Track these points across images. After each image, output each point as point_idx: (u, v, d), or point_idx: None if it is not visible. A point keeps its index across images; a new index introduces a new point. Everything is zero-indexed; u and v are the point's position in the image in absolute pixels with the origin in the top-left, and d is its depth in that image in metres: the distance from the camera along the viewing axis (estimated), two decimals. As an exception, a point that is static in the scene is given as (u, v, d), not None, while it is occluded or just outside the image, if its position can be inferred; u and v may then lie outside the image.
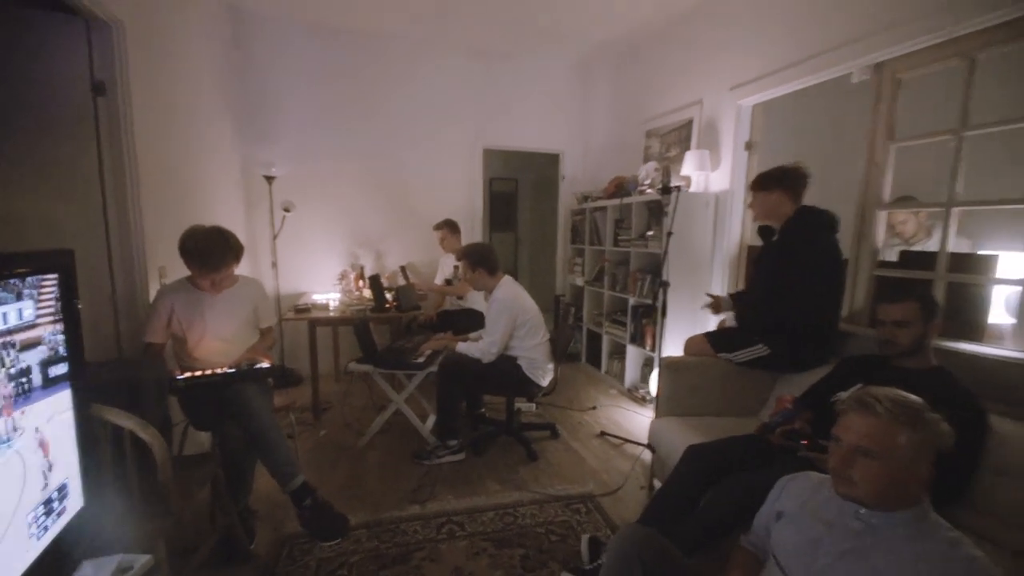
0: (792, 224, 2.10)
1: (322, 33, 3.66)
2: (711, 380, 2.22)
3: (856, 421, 1.00)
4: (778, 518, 1.21)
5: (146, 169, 2.02)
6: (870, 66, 2.21)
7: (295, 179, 3.64)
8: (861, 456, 0.97)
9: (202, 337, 1.89)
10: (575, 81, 4.54)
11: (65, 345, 0.97)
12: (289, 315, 2.97)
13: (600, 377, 3.95)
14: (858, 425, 0.99)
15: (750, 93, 2.84)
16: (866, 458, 0.96)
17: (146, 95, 2.04)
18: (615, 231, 3.71)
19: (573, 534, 1.93)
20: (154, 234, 2.06)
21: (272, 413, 1.77)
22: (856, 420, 1.00)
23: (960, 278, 1.97)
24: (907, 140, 2.16)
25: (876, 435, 0.96)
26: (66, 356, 0.96)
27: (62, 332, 0.96)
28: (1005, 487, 1.39)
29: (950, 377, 1.53)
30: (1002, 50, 1.81)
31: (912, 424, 0.95)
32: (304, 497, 1.72)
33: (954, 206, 1.95)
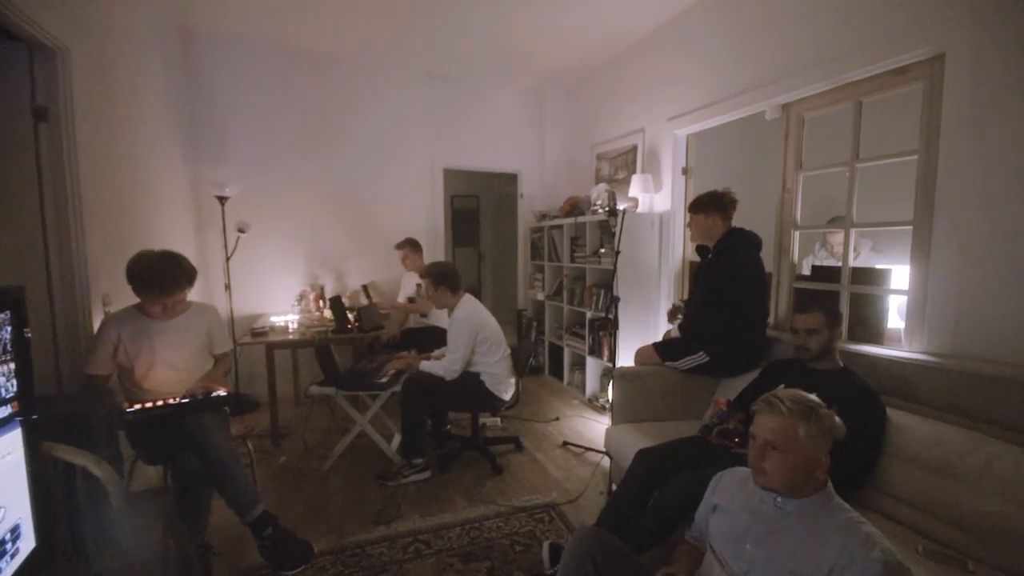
0: (723, 243, 2.32)
1: (275, 54, 3.66)
2: (660, 387, 2.36)
3: (765, 420, 1.15)
4: (714, 511, 1.34)
5: (90, 194, 1.97)
6: (779, 106, 2.50)
7: (249, 199, 3.58)
8: (771, 450, 1.11)
9: (151, 366, 1.84)
10: (530, 104, 4.72)
11: (16, 383, 0.96)
12: (245, 339, 2.91)
13: (562, 388, 4.05)
14: (767, 423, 1.14)
15: (684, 124, 3.11)
16: (775, 451, 1.11)
17: (92, 120, 2.00)
18: (571, 248, 3.87)
19: (537, 543, 1.99)
20: (97, 261, 2.00)
21: (230, 442, 1.74)
22: (765, 419, 1.15)
23: (860, 289, 2.24)
24: (813, 170, 2.44)
25: (780, 430, 1.10)
26: (13, 396, 0.95)
27: (14, 371, 0.95)
28: (902, 471, 1.59)
29: (855, 376, 1.74)
30: (883, 95, 2.11)
31: (808, 419, 1.10)
32: (264, 526, 1.70)
33: (852, 227, 2.22)
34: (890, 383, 1.90)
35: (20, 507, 0.97)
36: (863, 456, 1.62)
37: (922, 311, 1.92)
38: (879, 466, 1.64)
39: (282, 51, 3.67)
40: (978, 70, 1.71)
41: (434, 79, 4.23)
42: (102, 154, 2.10)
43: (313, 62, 3.79)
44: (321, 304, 3.65)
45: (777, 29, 2.48)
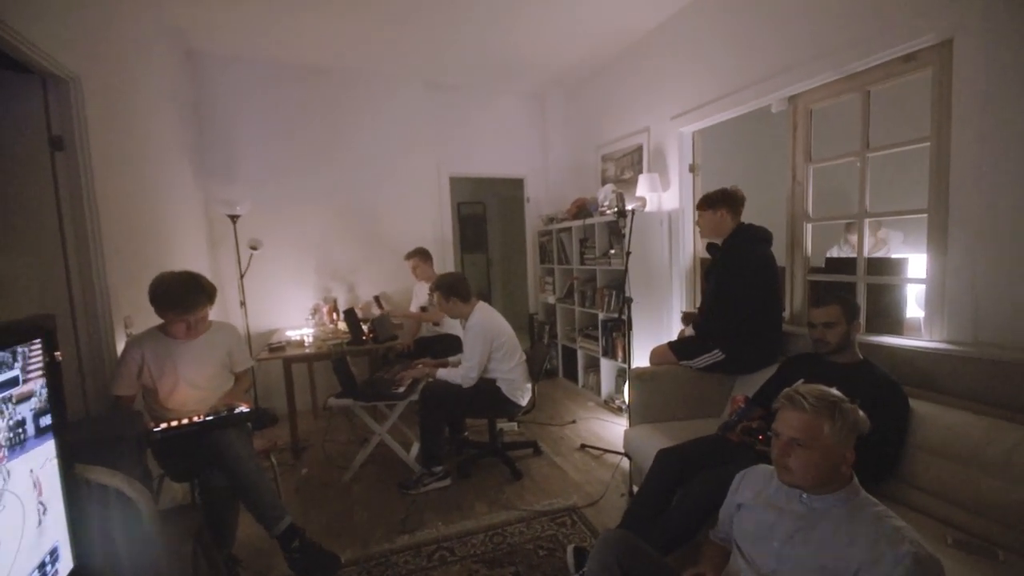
0: (733, 239, 2.31)
1: (280, 71, 3.72)
2: (677, 387, 2.35)
3: (788, 416, 1.14)
4: (738, 509, 1.33)
5: (108, 219, 2.01)
6: (785, 98, 2.49)
7: (260, 216, 3.63)
8: (796, 446, 1.11)
9: (175, 386, 1.88)
10: (532, 109, 4.74)
11: (49, 407, 0.99)
12: (263, 354, 2.95)
13: (577, 391, 4.05)
14: (790, 419, 1.13)
15: (689, 121, 3.09)
16: (799, 448, 1.10)
17: (106, 146, 2.05)
18: (581, 250, 3.87)
19: (560, 547, 1.99)
20: (118, 284, 2.04)
21: (254, 457, 1.77)
22: (788, 416, 1.14)
23: (876, 280, 2.21)
24: (823, 161, 2.41)
25: (804, 427, 1.10)
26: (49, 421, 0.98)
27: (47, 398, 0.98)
28: (927, 462, 1.57)
29: (875, 368, 1.72)
30: (891, 84, 2.09)
31: (832, 414, 1.09)
32: (292, 539, 1.72)
33: (865, 217, 2.20)
34: (911, 373, 1.88)
35: (57, 530, 1.00)
36: (887, 449, 1.60)
37: (941, 299, 1.89)
38: (904, 458, 1.62)
39: (284, 67, 3.73)
40: (987, 54, 1.69)
41: (435, 88, 4.26)
42: (117, 179, 2.15)
43: (314, 77, 3.84)
44: (335, 317, 3.69)
45: (780, 21, 2.47)
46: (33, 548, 0.91)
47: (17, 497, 0.88)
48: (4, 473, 0.86)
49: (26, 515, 0.90)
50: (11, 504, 0.87)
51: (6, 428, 0.88)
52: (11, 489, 0.87)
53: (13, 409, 0.90)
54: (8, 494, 0.86)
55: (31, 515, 0.92)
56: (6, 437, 0.88)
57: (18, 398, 0.91)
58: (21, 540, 0.88)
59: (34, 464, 0.94)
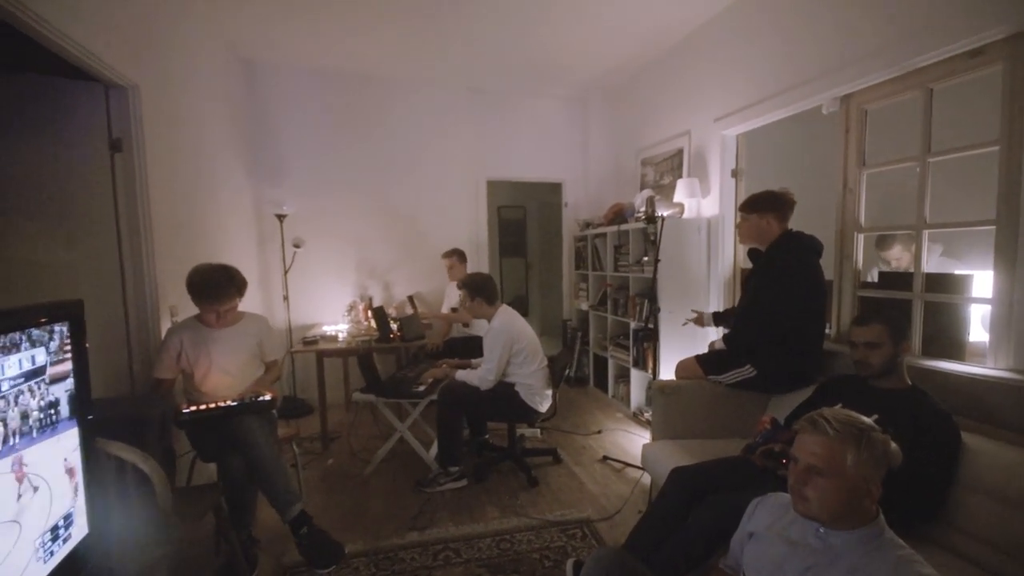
0: (777, 247, 2.14)
1: (329, 77, 3.91)
2: (702, 402, 2.23)
3: (808, 441, 1.04)
4: (749, 538, 1.24)
5: (159, 216, 2.19)
6: (837, 98, 2.30)
7: (305, 216, 3.83)
8: (814, 475, 1.01)
9: (208, 371, 2.00)
10: (572, 114, 4.70)
11: (75, 384, 1.08)
12: (298, 347, 3.10)
13: (607, 401, 3.95)
14: (810, 444, 1.03)
15: (733, 124, 2.94)
16: (818, 477, 1.00)
17: (161, 149, 2.24)
18: (615, 257, 3.78)
19: (567, 560, 1.93)
20: (166, 276, 2.21)
21: (273, 444, 1.85)
22: (808, 440, 1.04)
23: (935, 297, 2.00)
24: (877, 167, 2.21)
25: (825, 454, 0.99)
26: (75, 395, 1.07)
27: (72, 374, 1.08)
28: (977, 504, 1.39)
29: (925, 397, 1.54)
30: (956, 81, 1.89)
31: (857, 443, 0.98)
32: (301, 526, 1.79)
33: (924, 228, 1.99)
34: (968, 404, 1.67)
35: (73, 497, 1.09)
36: (935, 486, 1.43)
37: (1008, 322, 1.68)
38: (955, 499, 1.44)
39: (331, 75, 3.91)
40: (1069, 45, 1.49)
41: (476, 92, 4.32)
42: (170, 179, 2.34)
43: (359, 83, 4.00)
44: (369, 314, 3.81)
45: (833, 14, 2.29)
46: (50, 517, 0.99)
47: (44, 480, 0.96)
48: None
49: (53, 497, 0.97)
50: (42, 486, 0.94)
51: (38, 408, 0.94)
52: (39, 472, 0.94)
53: (46, 389, 0.98)
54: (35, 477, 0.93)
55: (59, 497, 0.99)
56: (38, 418, 0.94)
57: (52, 378, 0.99)
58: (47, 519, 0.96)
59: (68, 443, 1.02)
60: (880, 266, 2.65)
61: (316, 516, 2.27)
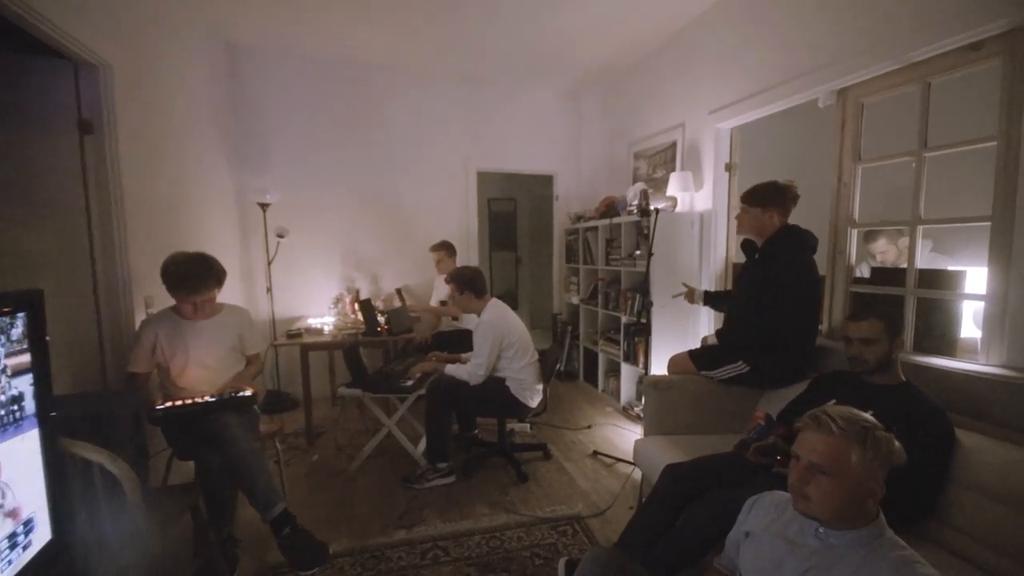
0: (775, 242, 2.12)
1: (315, 64, 3.79)
2: (695, 398, 2.21)
3: (812, 439, 1.02)
4: (746, 537, 1.22)
5: (133, 202, 2.08)
6: (834, 91, 2.28)
7: (289, 205, 3.72)
8: (817, 473, 0.99)
9: (185, 365, 1.92)
10: (564, 105, 4.63)
11: (34, 379, 1.00)
12: (281, 340, 3.01)
13: (597, 395, 3.93)
14: (813, 442, 1.01)
15: (727, 117, 2.91)
16: (821, 475, 0.98)
17: (135, 132, 2.13)
18: (606, 250, 3.74)
19: (557, 557, 1.90)
20: (140, 265, 2.11)
21: (252, 441, 1.78)
22: (812, 438, 1.02)
23: (928, 293, 1.99)
24: (872, 161, 2.20)
25: (830, 452, 0.97)
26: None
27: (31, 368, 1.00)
28: (971, 502, 1.38)
29: (918, 393, 1.53)
30: (954, 75, 1.87)
31: (863, 441, 0.97)
32: (283, 526, 1.72)
33: (919, 224, 1.98)
34: (960, 400, 1.67)
35: (35, 501, 1.01)
36: (929, 483, 1.42)
37: (1002, 319, 1.68)
38: (951, 496, 1.43)
39: (319, 60, 3.79)
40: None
41: (467, 82, 4.23)
42: (145, 164, 2.23)
43: (348, 70, 3.88)
44: (355, 307, 3.72)
45: (831, 6, 2.26)
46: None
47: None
48: None
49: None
50: None
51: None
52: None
53: (7, 383, 0.92)
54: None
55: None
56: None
57: (13, 371, 0.93)
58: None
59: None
60: (868, 261, 2.65)
61: (300, 514, 2.20)
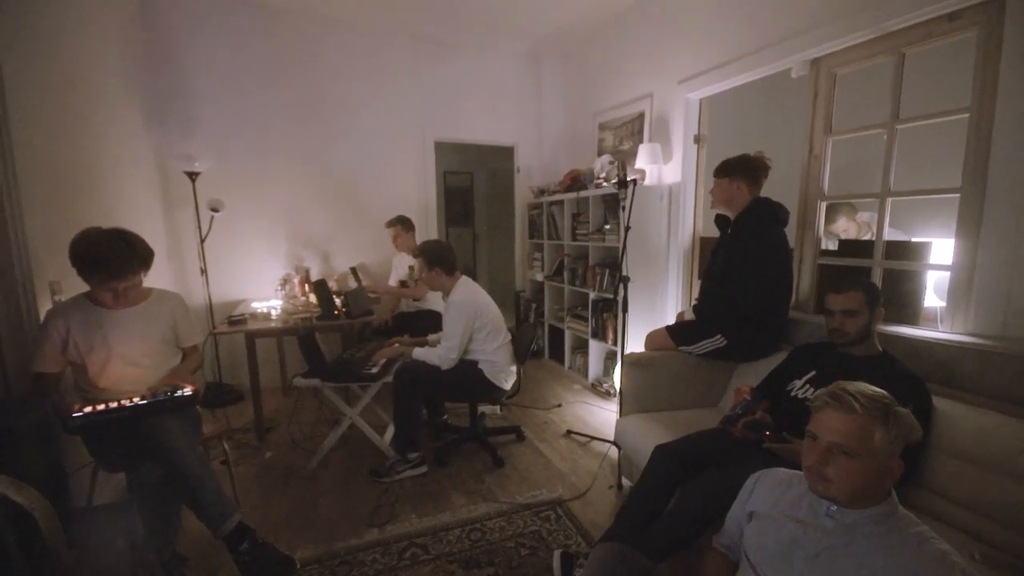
0: (747, 215, 2.11)
1: (252, 12, 3.33)
2: (673, 374, 2.18)
3: (833, 417, 0.97)
4: (750, 519, 1.18)
5: (30, 166, 1.71)
6: (807, 61, 2.25)
7: (224, 175, 3.30)
8: (839, 454, 0.95)
9: (107, 362, 1.62)
10: (526, 72, 4.41)
11: None
12: (223, 327, 2.69)
13: (564, 373, 3.89)
14: (835, 422, 0.96)
15: (698, 87, 2.84)
16: (843, 456, 0.94)
17: (26, 80, 1.73)
18: (572, 225, 3.64)
19: (544, 545, 1.83)
20: (42, 244, 1.75)
21: (197, 447, 1.54)
22: (832, 417, 0.97)
23: (895, 264, 2.05)
24: (843, 133, 2.21)
25: (853, 432, 0.93)
26: None
27: None
28: (951, 468, 1.43)
29: (897, 363, 1.57)
30: (929, 46, 1.88)
31: (886, 420, 0.93)
32: (240, 541, 1.51)
33: (889, 196, 2.01)
34: (931, 368, 1.72)
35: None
36: (912, 450, 1.45)
37: (968, 288, 1.73)
38: (933, 463, 1.47)
39: (254, 8, 3.33)
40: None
41: (422, 43, 3.90)
42: (41, 122, 1.84)
43: (290, 22, 3.45)
44: (306, 288, 3.42)
45: (805, -27, 2.22)
46: None
47: None
48: None
49: None
50: None
51: None
52: None
53: None
54: None
55: None
56: None
57: None
58: None
59: None
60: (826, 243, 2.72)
61: (255, 521, 2.00)
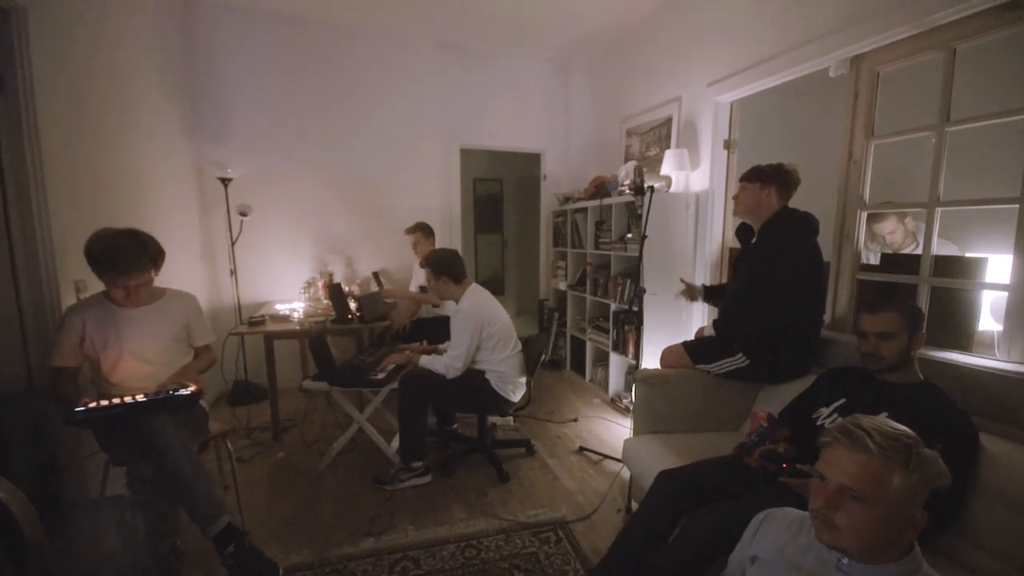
0: (773, 225, 1.95)
1: (283, 24, 3.46)
2: (690, 394, 2.04)
3: (844, 457, 0.84)
4: (752, 562, 1.06)
5: (60, 171, 1.82)
6: (847, 59, 2.08)
7: (254, 181, 3.43)
8: (849, 499, 0.82)
9: (119, 358, 1.68)
10: (554, 78, 4.37)
11: None
12: (241, 328, 2.76)
13: (584, 385, 3.77)
14: (846, 462, 0.83)
15: (728, 89, 2.69)
16: (854, 501, 0.81)
17: (57, 89, 1.84)
18: (596, 233, 3.54)
19: (539, 568, 1.74)
20: (69, 244, 1.85)
21: (190, 446, 1.56)
22: (843, 456, 0.84)
23: (945, 282, 1.83)
24: (886, 137, 2.01)
25: (867, 475, 0.80)
26: None
27: None
28: (997, 516, 1.24)
29: (940, 393, 1.38)
30: (983, 39, 1.68)
31: (906, 463, 0.80)
32: (227, 542, 1.51)
33: (937, 206, 1.80)
34: (980, 401, 1.52)
35: None
36: (951, 496, 1.27)
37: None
38: (974, 509, 1.29)
39: (289, 20, 3.46)
40: None
41: (448, 50, 3.93)
42: (72, 127, 1.95)
43: (321, 33, 3.56)
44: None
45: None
46: None
47: None
48: None
49: None
50: None
51: None
52: None
53: None
54: None
55: None
56: None
57: None
58: None
59: None
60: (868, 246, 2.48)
61: (259, 519, 2.04)
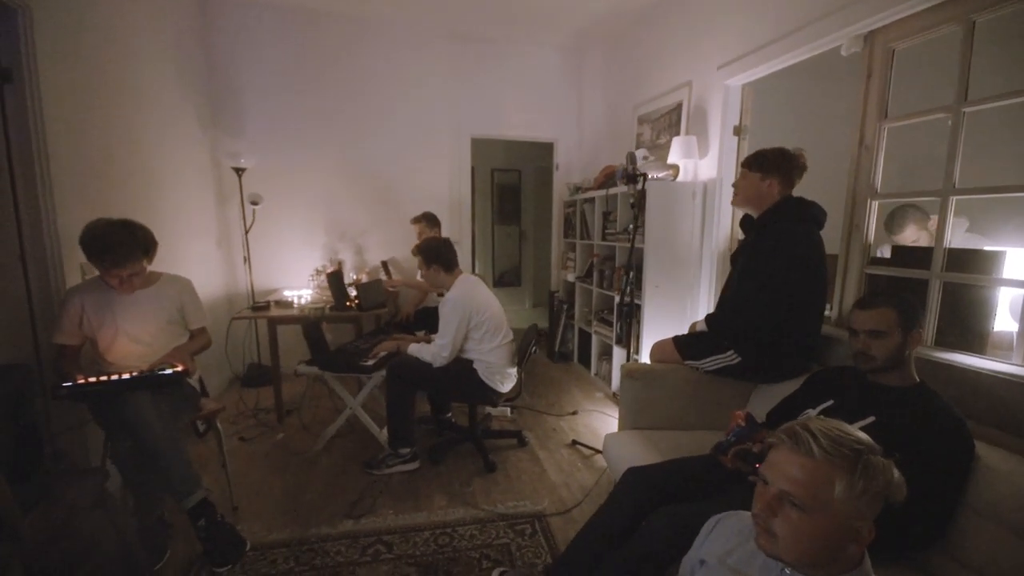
0: (773, 215, 1.83)
1: (297, 17, 3.52)
2: (677, 390, 1.97)
3: (785, 460, 0.78)
4: (700, 565, 1.00)
5: (63, 159, 1.92)
6: (860, 36, 1.92)
7: (267, 171, 3.53)
8: (788, 505, 0.76)
9: (114, 339, 1.77)
10: (565, 66, 4.27)
11: None
12: (244, 312, 2.87)
13: (589, 379, 3.71)
14: (788, 466, 0.77)
15: (738, 71, 2.54)
16: (793, 508, 0.75)
17: (65, 82, 1.94)
18: (603, 224, 3.45)
19: (509, 561, 1.73)
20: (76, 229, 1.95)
21: (168, 422, 1.62)
22: (785, 459, 0.78)
23: (957, 278, 1.66)
24: (901, 119, 1.84)
25: (806, 479, 0.74)
26: None
27: None
28: (989, 533, 1.12)
29: (933, 397, 1.26)
30: (1006, 10, 1.50)
31: (851, 470, 0.73)
32: (198, 517, 1.58)
33: (952, 195, 1.64)
34: (985, 408, 1.39)
35: None
36: (938, 506, 1.16)
37: (1049, 310, 1.37)
38: (961, 522, 1.18)
39: (301, 12, 3.52)
40: None
41: (460, 40, 3.91)
42: (81, 119, 2.05)
43: (333, 24, 3.61)
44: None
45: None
46: None
47: None
48: None
49: None
50: None
51: None
52: None
53: None
54: None
55: None
56: None
57: None
58: None
59: None
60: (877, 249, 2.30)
61: (251, 497, 2.12)
